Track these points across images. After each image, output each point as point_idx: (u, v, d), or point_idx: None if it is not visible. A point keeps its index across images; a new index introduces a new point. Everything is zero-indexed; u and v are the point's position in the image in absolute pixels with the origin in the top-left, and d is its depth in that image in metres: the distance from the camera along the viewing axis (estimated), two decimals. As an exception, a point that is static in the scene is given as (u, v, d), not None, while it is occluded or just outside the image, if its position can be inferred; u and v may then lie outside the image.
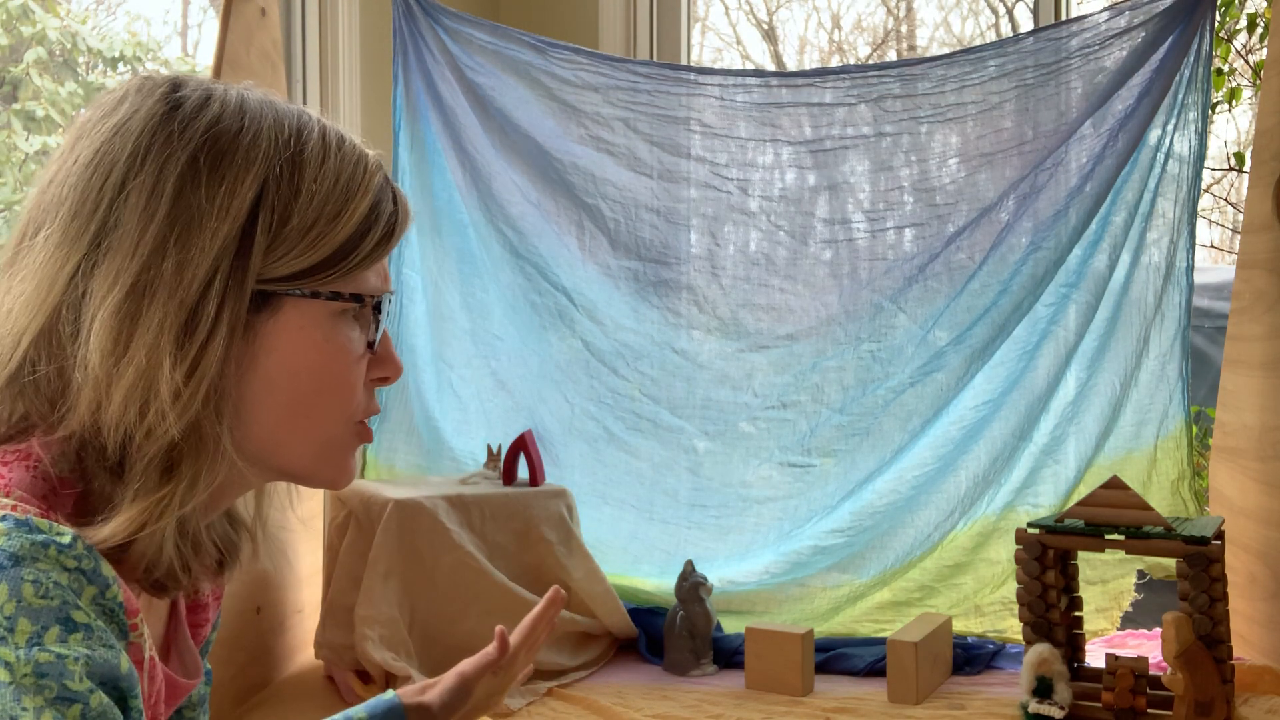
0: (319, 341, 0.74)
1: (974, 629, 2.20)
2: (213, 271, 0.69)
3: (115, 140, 0.70)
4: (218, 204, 0.69)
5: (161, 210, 0.68)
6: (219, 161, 0.70)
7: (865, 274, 2.31)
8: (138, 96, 0.72)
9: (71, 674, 0.59)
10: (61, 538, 0.63)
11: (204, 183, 0.69)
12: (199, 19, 3.15)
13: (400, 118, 2.38)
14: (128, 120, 0.71)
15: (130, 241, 0.68)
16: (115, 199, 0.69)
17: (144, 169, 0.69)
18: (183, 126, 0.71)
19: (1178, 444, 2.16)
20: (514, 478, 2.23)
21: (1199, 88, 2.08)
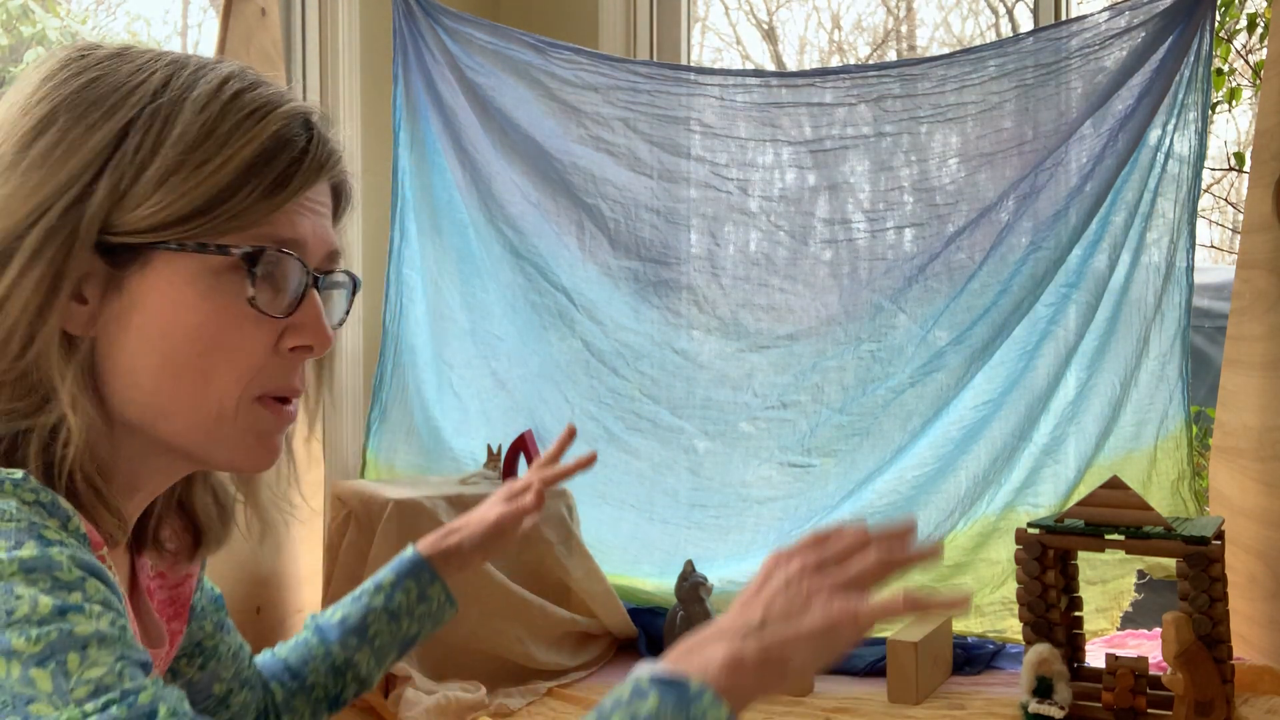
0: (193, 299, 0.70)
1: (974, 629, 2.20)
2: (35, 216, 0.67)
3: (14, 92, 0.71)
4: (64, 146, 0.68)
5: (23, 162, 0.68)
6: (80, 112, 0.69)
7: (865, 274, 2.31)
8: (45, 61, 0.73)
9: (60, 564, 0.59)
10: (13, 474, 0.63)
11: (60, 129, 0.68)
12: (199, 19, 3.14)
13: (400, 118, 2.38)
14: (26, 77, 0.72)
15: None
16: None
17: (21, 122, 0.70)
18: (67, 78, 0.70)
19: (1178, 444, 2.16)
20: (514, 477, 2.23)
21: (1199, 88, 2.08)
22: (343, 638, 1.02)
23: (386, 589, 1.04)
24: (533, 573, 2.11)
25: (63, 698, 0.54)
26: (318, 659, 1.02)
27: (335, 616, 1.03)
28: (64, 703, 0.54)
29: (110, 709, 0.54)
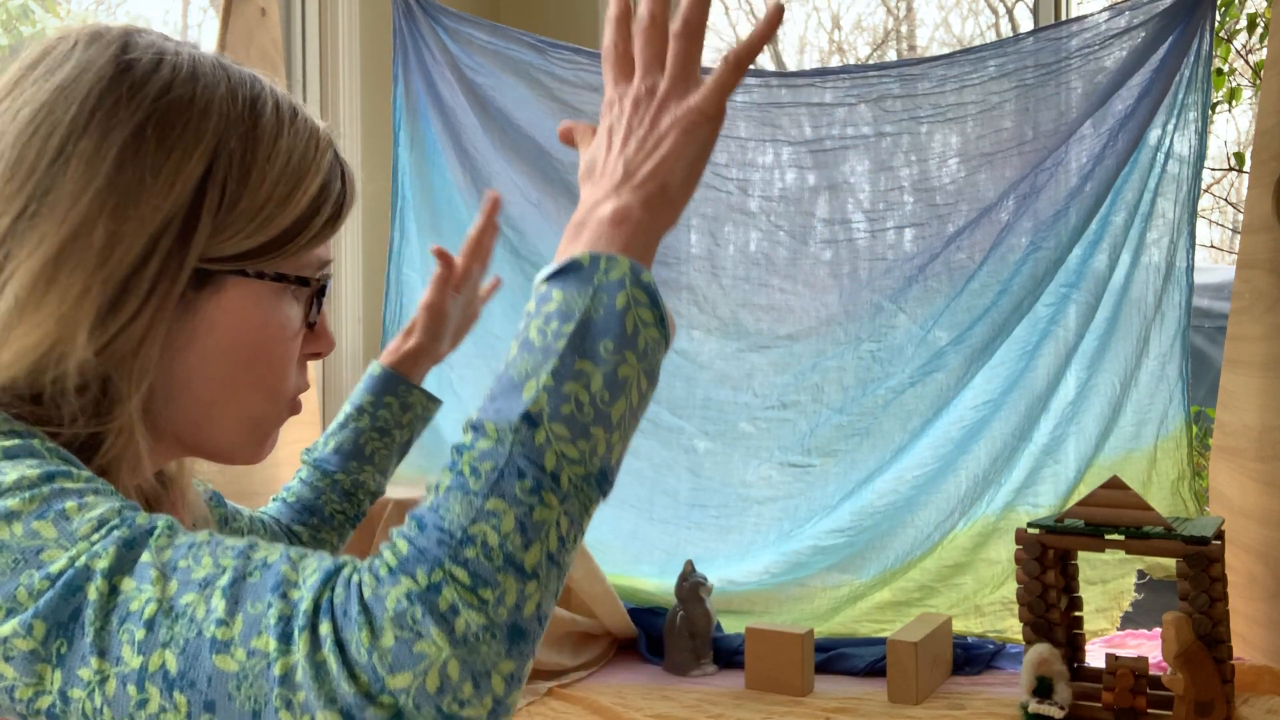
0: (259, 321, 0.72)
1: (974, 629, 2.20)
2: (149, 249, 0.66)
3: (59, 100, 0.67)
4: (161, 178, 0.66)
5: (100, 179, 0.65)
6: (167, 133, 0.67)
7: (865, 274, 2.31)
8: (86, 53, 0.69)
9: (40, 452, 0.61)
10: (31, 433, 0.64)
11: (149, 154, 0.66)
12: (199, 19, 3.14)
13: (400, 118, 2.38)
14: (75, 79, 0.67)
15: (63, 208, 0.65)
16: (54, 162, 0.66)
17: (87, 134, 0.66)
18: (132, 91, 0.67)
19: (1178, 444, 2.16)
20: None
21: (1199, 88, 2.08)
22: (343, 464, 1.07)
23: (369, 409, 1.09)
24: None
25: (69, 539, 0.56)
26: (327, 489, 1.07)
27: (329, 447, 1.08)
28: (71, 542, 0.56)
29: (114, 532, 0.56)
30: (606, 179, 0.70)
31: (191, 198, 0.67)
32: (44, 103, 0.67)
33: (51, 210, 0.65)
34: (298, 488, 1.08)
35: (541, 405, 0.59)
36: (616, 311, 0.62)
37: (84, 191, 0.65)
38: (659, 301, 0.65)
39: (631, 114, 0.72)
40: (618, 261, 0.64)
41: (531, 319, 0.63)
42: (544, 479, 0.58)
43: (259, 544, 0.57)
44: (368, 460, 1.08)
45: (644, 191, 0.68)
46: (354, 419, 1.08)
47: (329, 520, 1.07)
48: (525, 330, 0.63)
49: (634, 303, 0.63)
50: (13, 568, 0.55)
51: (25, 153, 0.66)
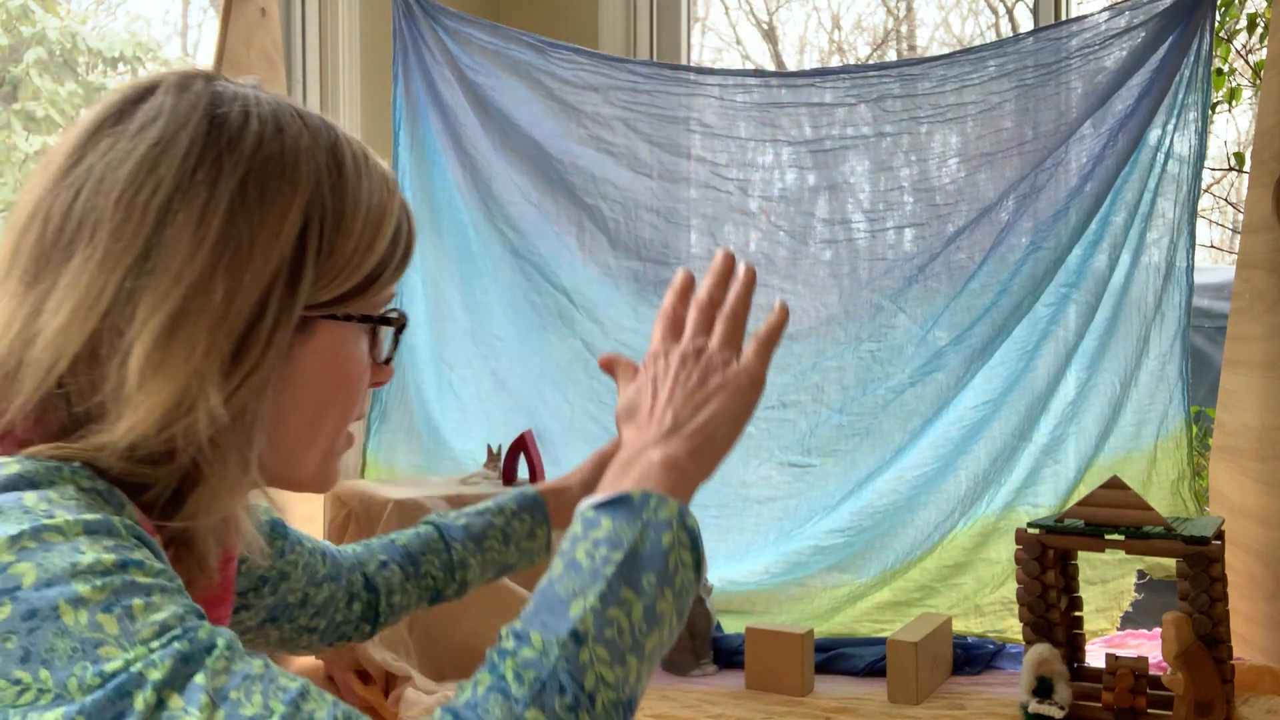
0: (344, 360, 0.76)
1: (974, 629, 2.20)
2: (264, 300, 0.68)
3: (160, 157, 0.68)
4: (267, 231, 0.68)
5: (211, 235, 0.67)
6: (266, 186, 0.69)
7: (865, 274, 2.31)
8: (177, 110, 0.70)
9: (119, 529, 0.61)
10: (71, 463, 0.65)
11: (254, 208, 0.68)
12: (199, 19, 3.14)
13: (400, 118, 2.38)
14: (173, 136, 0.69)
15: (177, 265, 0.66)
16: (162, 220, 0.67)
17: (192, 190, 0.67)
18: (230, 146, 0.69)
19: (1178, 444, 2.16)
20: (514, 478, 2.23)
21: (1199, 88, 2.08)
22: (464, 540, 1.12)
23: (508, 514, 1.14)
24: (533, 573, 2.11)
25: (130, 639, 0.56)
26: (436, 551, 1.11)
27: (459, 521, 1.13)
28: (131, 644, 0.56)
29: (174, 644, 0.57)
30: (654, 426, 0.77)
31: (294, 248, 0.69)
32: (143, 159, 0.68)
33: (166, 267, 0.66)
34: (410, 537, 1.12)
35: (588, 625, 0.63)
36: (662, 549, 0.68)
37: (198, 247, 0.67)
38: (700, 546, 0.71)
39: (679, 368, 0.81)
40: (667, 502, 0.70)
41: (579, 541, 0.68)
42: (582, 697, 0.61)
43: (310, 692, 0.58)
44: (482, 551, 1.12)
45: (692, 443, 0.76)
46: (492, 514, 1.14)
47: (420, 577, 1.10)
48: (572, 550, 0.68)
49: (678, 543, 0.69)
50: (69, 656, 0.55)
51: (131, 210, 0.67)
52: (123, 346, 0.66)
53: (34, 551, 0.58)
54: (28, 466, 0.63)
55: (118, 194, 0.67)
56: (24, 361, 0.67)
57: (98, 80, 2.79)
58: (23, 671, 0.55)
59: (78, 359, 0.67)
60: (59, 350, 0.66)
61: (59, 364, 0.66)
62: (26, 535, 0.58)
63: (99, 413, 0.67)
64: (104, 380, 0.66)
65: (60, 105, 2.61)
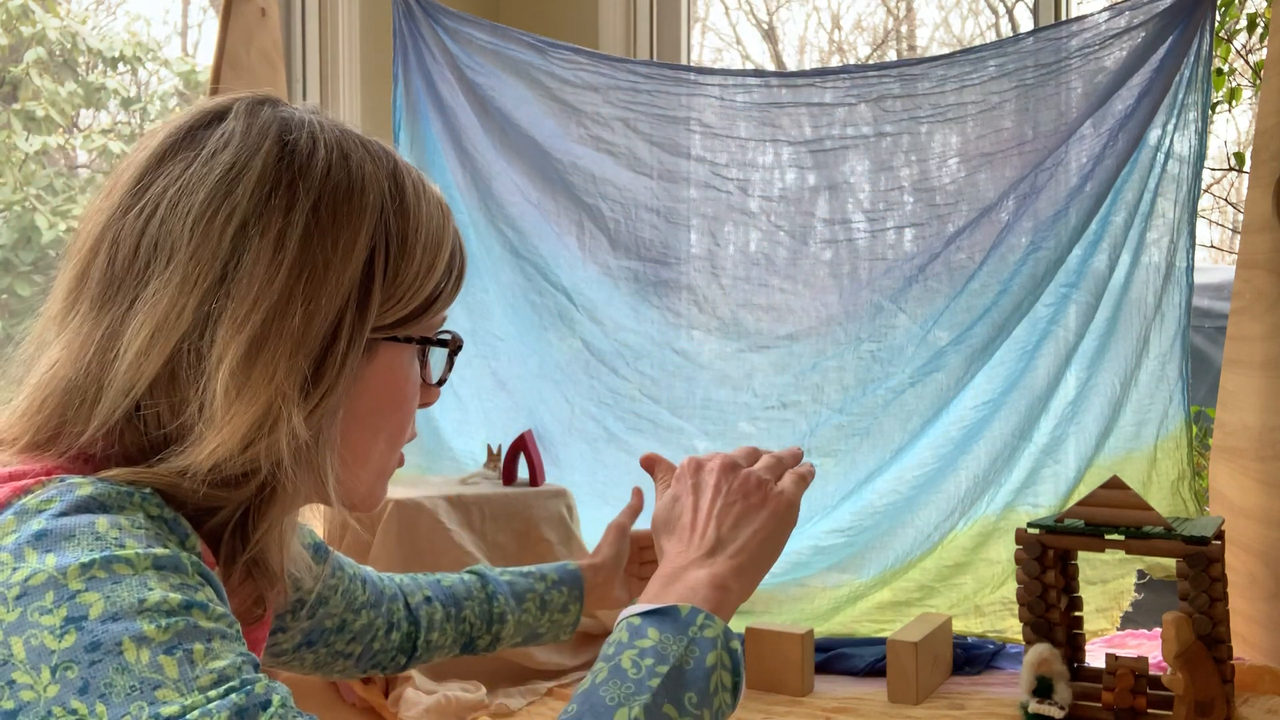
0: (402, 381, 0.78)
1: (974, 629, 2.20)
2: (338, 322, 0.70)
3: (236, 183, 0.69)
4: (339, 255, 0.70)
5: (288, 258, 0.68)
6: (337, 210, 0.71)
7: (865, 274, 2.31)
8: (248, 135, 0.71)
9: (186, 567, 0.62)
10: (143, 488, 0.65)
11: (327, 233, 0.70)
12: (199, 19, 3.14)
13: (400, 118, 2.38)
14: (246, 162, 0.70)
15: (256, 287, 0.68)
16: (239, 244, 0.68)
17: (267, 214, 0.69)
18: (302, 173, 0.71)
19: (1178, 444, 2.16)
20: (514, 478, 2.23)
21: (1199, 88, 2.08)
22: (506, 595, 1.14)
23: (548, 583, 1.17)
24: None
25: (188, 685, 0.57)
26: (478, 600, 1.13)
27: (504, 576, 1.16)
28: (189, 689, 0.57)
29: (231, 696, 0.57)
30: (698, 541, 0.79)
31: (363, 272, 0.71)
32: (218, 184, 0.69)
33: (245, 290, 0.68)
34: (454, 580, 1.15)
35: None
36: (706, 668, 0.69)
37: (276, 271, 0.68)
38: (741, 670, 0.72)
39: (720, 478, 0.83)
40: (714, 622, 0.72)
41: (625, 649, 0.70)
42: None
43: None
44: (520, 610, 1.15)
45: (737, 562, 0.79)
46: (535, 578, 1.17)
47: (458, 621, 1.12)
48: (617, 657, 0.69)
49: (721, 665, 0.71)
50: (127, 693, 0.56)
51: (209, 234, 0.68)
52: (204, 369, 0.67)
53: (103, 583, 0.58)
54: (100, 489, 0.63)
55: (194, 218, 0.68)
56: (102, 384, 0.68)
57: (97, 80, 2.79)
58: (79, 702, 0.55)
59: (156, 382, 0.68)
60: (137, 373, 0.67)
61: (138, 387, 0.67)
62: (98, 565, 0.59)
63: (179, 435, 0.68)
64: (184, 403, 0.68)
65: (60, 105, 2.61)
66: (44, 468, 0.66)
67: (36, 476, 0.65)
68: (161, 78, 2.97)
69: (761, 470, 0.85)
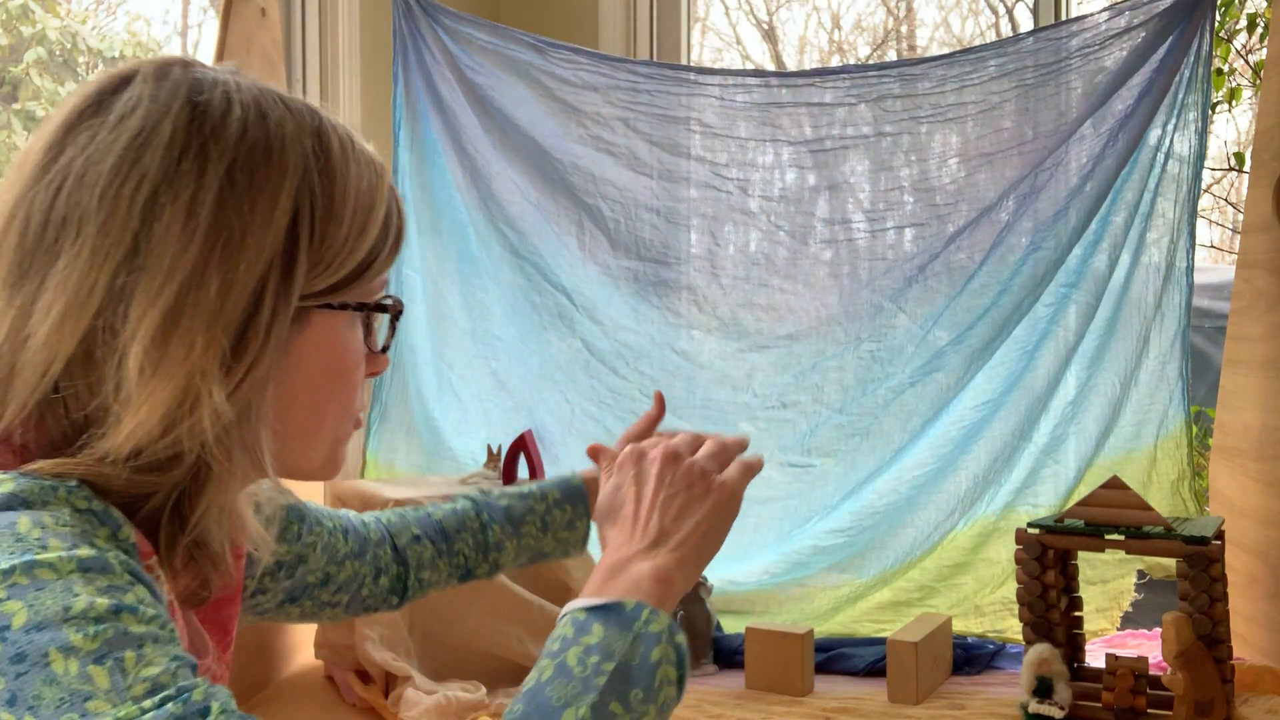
0: (341, 350, 0.75)
1: (974, 629, 2.20)
2: (259, 292, 0.67)
3: (144, 149, 0.66)
4: (258, 220, 0.66)
5: (201, 226, 0.65)
6: (254, 172, 0.67)
7: (865, 274, 2.31)
8: (156, 98, 0.68)
9: (113, 568, 0.60)
10: (67, 480, 0.63)
11: (244, 197, 0.67)
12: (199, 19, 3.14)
13: (400, 118, 2.38)
14: (154, 125, 0.67)
15: (168, 259, 0.64)
16: (149, 213, 0.65)
17: (179, 181, 0.65)
18: (215, 135, 0.67)
19: (1178, 444, 2.16)
20: (514, 478, 2.23)
21: (1199, 88, 2.08)
22: (502, 523, 1.11)
23: (550, 502, 1.13)
24: (533, 573, 2.11)
25: (120, 694, 0.55)
26: (472, 531, 1.10)
27: (501, 502, 1.12)
28: (121, 699, 0.55)
29: (166, 705, 0.55)
30: (641, 534, 0.78)
31: (286, 237, 0.68)
32: (125, 151, 0.66)
33: (157, 262, 0.64)
34: (446, 513, 1.11)
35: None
36: (651, 664, 0.69)
37: (189, 240, 0.65)
38: (685, 664, 0.71)
39: (662, 469, 0.81)
40: (659, 616, 0.71)
41: (570, 644, 0.69)
42: None
43: None
44: (519, 536, 1.12)
45: (679, 554, 0.77)
46: (534, 499, 1.13)
47: (450, 556, 1.09)
48: (563, 653, 0.69)
49: (665, 660, 0.70)
50: (57, 706, 0.54)
51: (117, 205, 0.65)
52: (118, 346, 0.64)
53: (25, 590, 0.56)
54: (22, 485, 0.62)
55: (101, 189, 0.65)
56: (16, 366, 0.66)
57: (98, 80, 2.79)
58: (8, 713, 0.54)
59: (72, 361, 0.65)
60: (52, 353, 0.65)
61: (53, 367, 0.65)
62: (19, 570, 0.57)
63: (98, 417, 0.65)
64: (101, 382, 0.65)
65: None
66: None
67: None
68: (161, 78, 2.96)
69: (704, 459, 0.83)
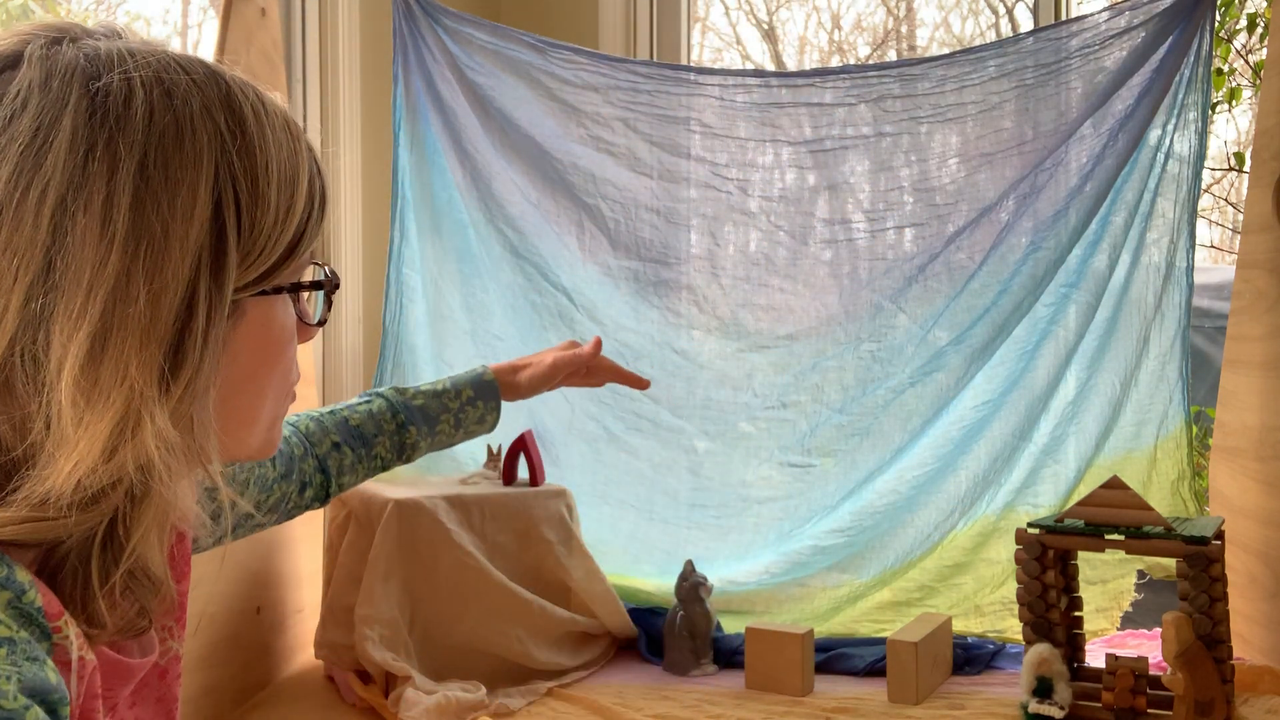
0: (276, 333, 0.70)
1: (974, 629, 2.20)
2: (189, 296, 0.60)
3: (44, 152, 0.58)
4: (179, 215, 0.60)
5: (119, 234, 0.58)
6: (168, 164, 0.60)
7: (865, 274, 2.31)
8: (48, 88, 0.60)
9: (6, 693, 0.54)
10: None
11: (161, 191, 0.59)
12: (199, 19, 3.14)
13: (400, 118, 2.38)
14: (52, 124, 0.59)
15: (87, 274, 0.57)
16: (58, 224, 0.57)
17: (88, 185, 0.58)
18: (120, 126, 0.59)
19: (1178, 444, 2.16)
20: (514, 478, 2.23)
21: (1199, 88, 2.08)
22: (418, 424, 1.15)
23: (463, 400, 1.19)
24: (533, 573, 2.11)
25: None
26: (389, 434, 1.14)
27: (416, 402, 1.16)
28: None
29: None
30: None
31: (211, 230, 0.61)
32: (23, 156, 0.58)
33: (75, 277, 0.57)
34: (364, 417, 1.13)
35: None
36: None
37: (108, 250, 0.58)
38: None
39: None
40: None
41: None
42: None
43: None
44: (434, 434, 1.17)
45: None
46: (448, 397, 1.18)
47: (371, 458, 1.13)
48: None
49: None
50: None
51: (20, 218, 0.58)
52: (44, 379, 0.58)
53: None
54: None
55: (1, 202, 0.58)
56: None
57: (98, 80, 2.79)
58: None
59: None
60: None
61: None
62: None
63: (29, 457, 0.59)
64: (27, 419, 0.59)
65: (60, 105, 2.61)
66: None
67: None
68: (161, 78, 2.96)
69: None
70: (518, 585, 2.05)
